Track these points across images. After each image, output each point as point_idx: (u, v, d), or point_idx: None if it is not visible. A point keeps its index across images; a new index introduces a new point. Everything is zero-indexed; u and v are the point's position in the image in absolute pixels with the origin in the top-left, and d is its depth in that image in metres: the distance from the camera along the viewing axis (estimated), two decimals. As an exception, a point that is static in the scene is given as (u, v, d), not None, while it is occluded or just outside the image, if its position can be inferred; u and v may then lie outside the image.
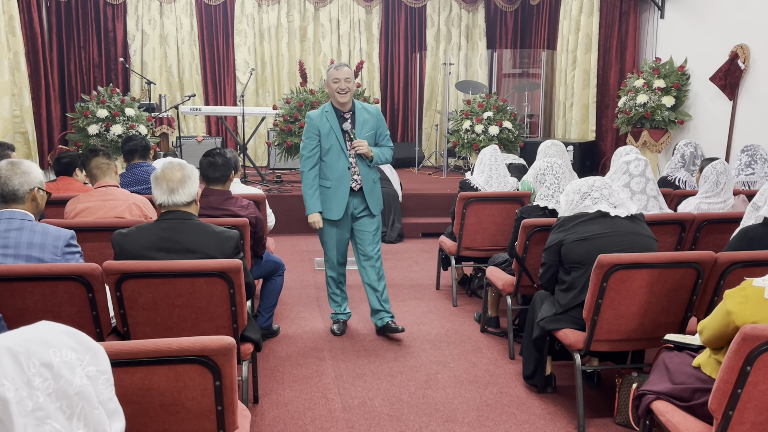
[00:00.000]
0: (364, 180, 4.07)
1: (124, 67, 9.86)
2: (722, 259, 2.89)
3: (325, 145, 4.03)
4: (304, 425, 3.09)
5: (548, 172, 3.83)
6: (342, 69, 3.98)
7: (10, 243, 2.65)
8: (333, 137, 4.02)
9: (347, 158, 4.03)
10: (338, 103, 4.01)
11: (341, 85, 3.96)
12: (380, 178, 4.49)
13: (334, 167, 4.02)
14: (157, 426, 1.95)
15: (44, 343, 1.17)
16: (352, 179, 4.05)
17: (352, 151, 4.03)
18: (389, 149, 4.15)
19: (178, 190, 2.73)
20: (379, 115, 4.15)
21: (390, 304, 4.27)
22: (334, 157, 4.02)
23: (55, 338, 1.19)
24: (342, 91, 3.97)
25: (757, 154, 4.97)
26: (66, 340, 1.20)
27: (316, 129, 4.03)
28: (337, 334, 4.23)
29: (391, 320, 4.18)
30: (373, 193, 4.12)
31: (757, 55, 6.23)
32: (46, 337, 1.18)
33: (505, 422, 3.12)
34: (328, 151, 4.03)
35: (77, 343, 1.22)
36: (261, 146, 10.50)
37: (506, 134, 8.28)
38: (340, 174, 4.02)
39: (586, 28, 8.72)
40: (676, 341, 2.59)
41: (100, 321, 2.70)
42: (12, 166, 2.71)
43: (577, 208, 3.13)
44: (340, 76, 3.96)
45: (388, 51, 10.93)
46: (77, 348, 1.21)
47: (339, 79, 3.96)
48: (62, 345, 1.18)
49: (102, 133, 7.22)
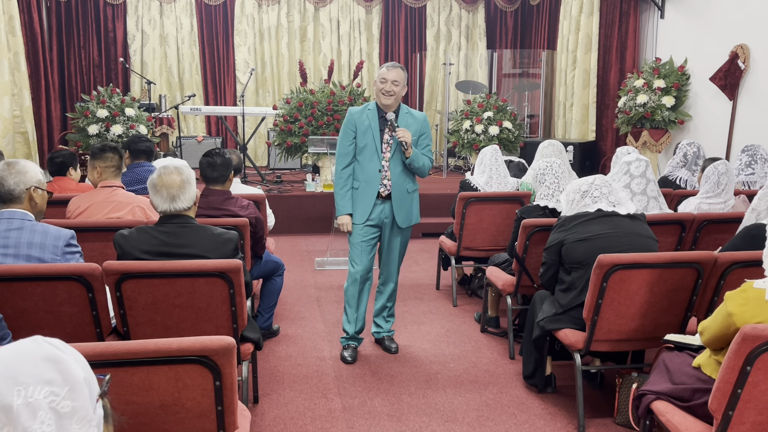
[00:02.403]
0: (394, 187, 3.78)
1: (124, 67, 9.86)
2: (722, 259, 2.89)
3: (360, 143, 3.79)
4: (304, 425, 3.09)
5: (548, 171, 3.83)
6: (393, 70, 3.73)
7: (10, 243, 2.65)
8: (369, 135, 3.77)
9: (380, 160, 3.76)
10: (382, 105, 3.76)
11: (387, 86, 3.72)
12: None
13: (365, 168, 3.76)
14: (157, 426, 1.95)
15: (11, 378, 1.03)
16: (381, 183, 3.78)
17: (387, 154, 3.77)
18: (429, 159, 3.85)
19: (179, 197, 2.70)
20: (425, 122, 3.87)
21: (394, 319, 4.12)
22: (367, 158, 3.76)
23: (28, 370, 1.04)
24: (387, 93, 3.72)
25: (758, 154, 4.97)
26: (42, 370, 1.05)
27: (354, 125, 3.80)
28: (348, 361, 3.81)
29: (387, 337, 4.04)
30: (403, 204, 3.82)
31: (757, 55, 6.24)
32: (16, 371, 1.04)
33: (505, 422, 3.12)
34: (363, 149, 3.77)
35: (57, 373, 1.06)
36: (261, 146, 10.51)
37: (506, 134, 8.29)
38: (370, 176, 3.76)
39: (586, 28, 8.72)
40: (676, 341, 2.59)
41: (100, 321, 2.70)
42: (7, 166, 2.70)
43: (577, 206, 3.13)
44: (389, 77, 3.72)
45: (388, 51, 10.93)
46: (54, 380, 1.05)
47: (386, 80, 3.72)
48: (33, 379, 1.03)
49: (102, 133, 7.23)
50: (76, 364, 1.10)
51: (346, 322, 3.90)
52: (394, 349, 3.96)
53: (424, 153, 3.83)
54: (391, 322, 4.08)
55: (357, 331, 3.90)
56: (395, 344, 4.00)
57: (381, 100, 3.75)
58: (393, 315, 4.09)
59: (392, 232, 3.87)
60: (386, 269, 3.94)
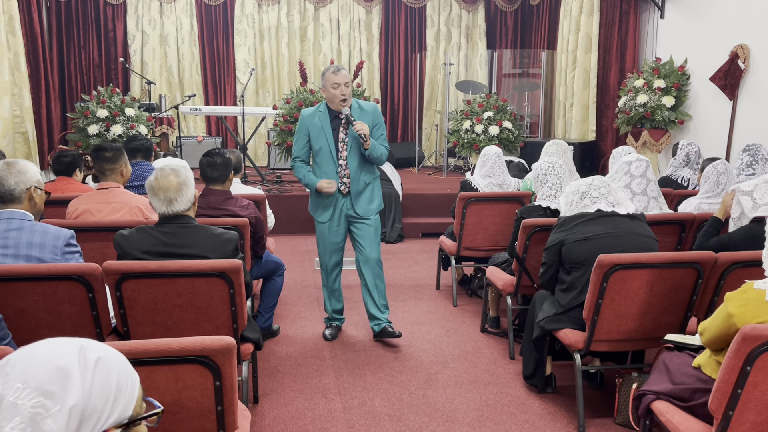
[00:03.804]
0: (353, 181, 3.93)
1: (124, 67, 9.86)
2: (722, 260, 2.89)
3: (315, 146, 3.91)
4: (304, 425, 3.09)
5: (550, 172, 3.83)
6: (340, 73, 3.75)
7: (9, 243, 2.65)
8: (323, 138, 3.87)
9: (336, 161, 3.91)
10: (337, 109, 3.84)
11: (342, 90, 3.75)
12: (381, 179, 4.45)
13: (323, 169, 3.92)
14: (157, 426, 1.95)
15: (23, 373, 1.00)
16: (341, 182, 3.93)
17: (344, 152, 3.90)
18: (385, 148, 3.96)
19: (176, 200, 2.70)
20: (375, 113, 3.93)
21: (389, 311, 4.16)
22: (324, 160, 3.91)
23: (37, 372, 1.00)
24: (343, 97, 3.77)
25: (759, 154, 4.94)
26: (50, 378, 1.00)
27: (306, 128, 3.92)
28: (327, 338, 4.12)
29: (388, 325, 4.06)
30: (361, 196, 3.96)
31: (757, 55, 6.23)
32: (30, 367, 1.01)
33: (505, 422, 3.12)
34: (319, 152, 3.92)
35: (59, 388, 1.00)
36: (261, 146, 10.51)
37: (506, 134, 8.29)
38: (328, 177, 3.91)
39: (586, 28, 8.72)
40: (676, 341, 2.59)
41: (100, 321, 2.70)
42: (7, 166, 2.70)
43: (576, 208, 3.13)
44: (340, 80, 3.74)
45: (388, 51, 10.93)
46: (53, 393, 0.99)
47: (339, 84, 3.75)
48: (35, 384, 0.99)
49: (102, 133, 7.22)
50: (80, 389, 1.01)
51: (326, 302, 4.22)
52: (398, 333, 4.03)
53: (380, 143, 3.94)
54: (386, 312, 4.12)
55: (336, 311, 4.21)
56: (397, 331, 4.06)
57: (338, 107, 3.82)
58: (387, 306, 4.14)
59: (359, 224, 4.01)
60: (364, 262, 4.04)
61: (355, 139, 3.87)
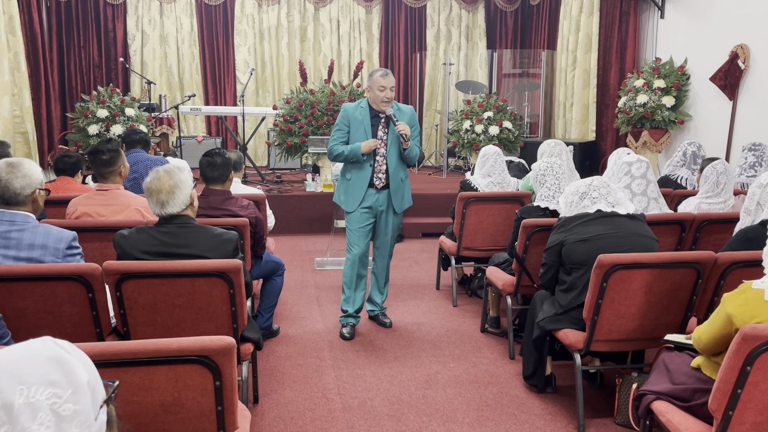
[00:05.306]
0: (392, 177, 4.09)
1: (124, 67, 9.86)
2: (722, 260, 2.89)
3: (352, 138, 4.06)
4: (304, 425, 3.09)
5: (548, 172, 3.83)
6: (389, 77, 3.97)
7: (11, 244, 2.65)
8: (361, 131, 4.04)
9: (372, 156, 4.06)
10: (378, 108, 4.02)
11: (387, 93, 3.96)
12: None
13: (357, 163, 4.06)
14: (157, 426, 1.95)
15: (15, 377, 1.02)
16: (376, 177, 4.08)
17: (382, 149, 4.05)
18: (418, 149, 4.16)
19: (168, 202, 2.70)
20: (412, 115, 4.15)
21: (387, 291, 4.46)
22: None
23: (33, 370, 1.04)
24: (388, 100, 3.98)
25: (765, 155, 4.90)
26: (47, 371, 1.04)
27: (347, 120, 4.06)
28: (346, 338, 4.14)
29: (381, 313, 4.41)
30: (398, 192, 4.14)
31: (757, 55, 6.24)
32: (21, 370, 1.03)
33: (505, 422, 3.12)
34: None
35: (61, 375, 1.05)
36: (261, 146, 10.51)
37: (506, 134, 8.29)
38: (361, 170, 4.05)
39: (586, 28, 8.72)
40: (676, 341, 2.59)
41: (100, 321, 2.70)
42: (12, 168, 2.67)
43: (576, 208, 3.13)
44: (387, 84, 3.95)
45: (388, 51, 10.93)
46: (58, 382, 1.04)
47: (385, 87, 3.96)
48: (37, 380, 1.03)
49: (102, 133, 7.23)
50: (82, 367, 1.09)
51: (344, 302, 4.23)
52: (388, 324, 4.33)
53: (415, 143, 4.14)
54: (384, 293, 4.41)
55: (356, 311, 4.23)
56: (389, 319, 4.38)
57: (381, 108, 4.00)
58: (386, 295, 4.44)
59: (387, 218, 4.18)
60: (380, 251, 4.27)
61: (396, 138, 4.06)
